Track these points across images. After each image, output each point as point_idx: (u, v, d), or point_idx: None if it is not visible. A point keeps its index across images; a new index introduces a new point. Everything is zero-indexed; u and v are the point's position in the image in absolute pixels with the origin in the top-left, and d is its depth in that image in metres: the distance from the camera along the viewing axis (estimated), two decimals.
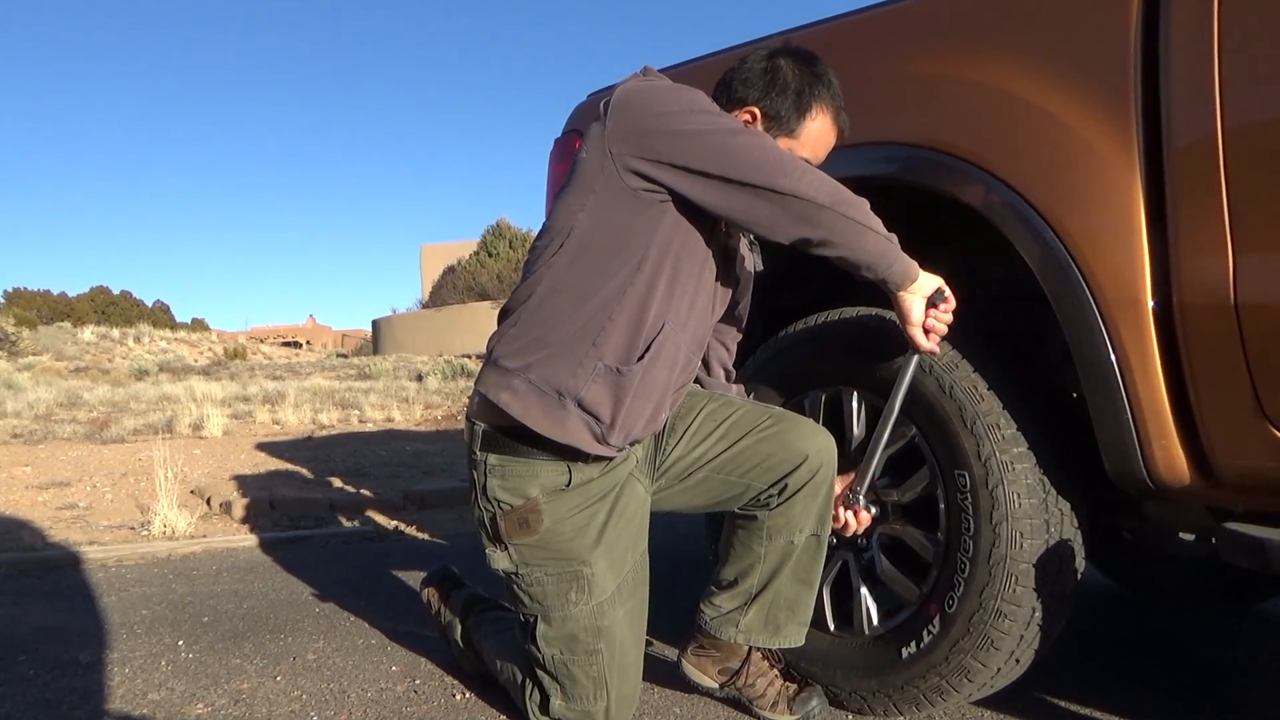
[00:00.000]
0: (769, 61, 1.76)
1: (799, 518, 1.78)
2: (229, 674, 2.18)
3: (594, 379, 1.62)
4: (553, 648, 1.73)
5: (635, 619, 1.79)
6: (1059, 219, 1.60)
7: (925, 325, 1.68)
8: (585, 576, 1.70)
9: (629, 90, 1.62)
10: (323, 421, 8.41)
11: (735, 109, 1.76)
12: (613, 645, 1.73)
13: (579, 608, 1.70)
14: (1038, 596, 1.69)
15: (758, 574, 1.83)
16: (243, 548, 3.60)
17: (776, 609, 1.84)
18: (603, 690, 1.74)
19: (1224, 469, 1.50)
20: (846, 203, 1.58)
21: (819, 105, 1.75)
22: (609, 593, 1.72)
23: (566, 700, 1.75)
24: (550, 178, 2.64)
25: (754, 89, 1.75)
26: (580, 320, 1.62)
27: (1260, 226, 1.40)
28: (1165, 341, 1.51)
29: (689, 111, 1.59)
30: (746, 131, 1.61)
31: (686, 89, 1.63)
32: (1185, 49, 1.47)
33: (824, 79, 1.76)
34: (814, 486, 1.77)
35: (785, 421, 1.81)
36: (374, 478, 5.09)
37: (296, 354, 34.29)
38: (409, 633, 2.47)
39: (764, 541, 1.81)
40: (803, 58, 1.77)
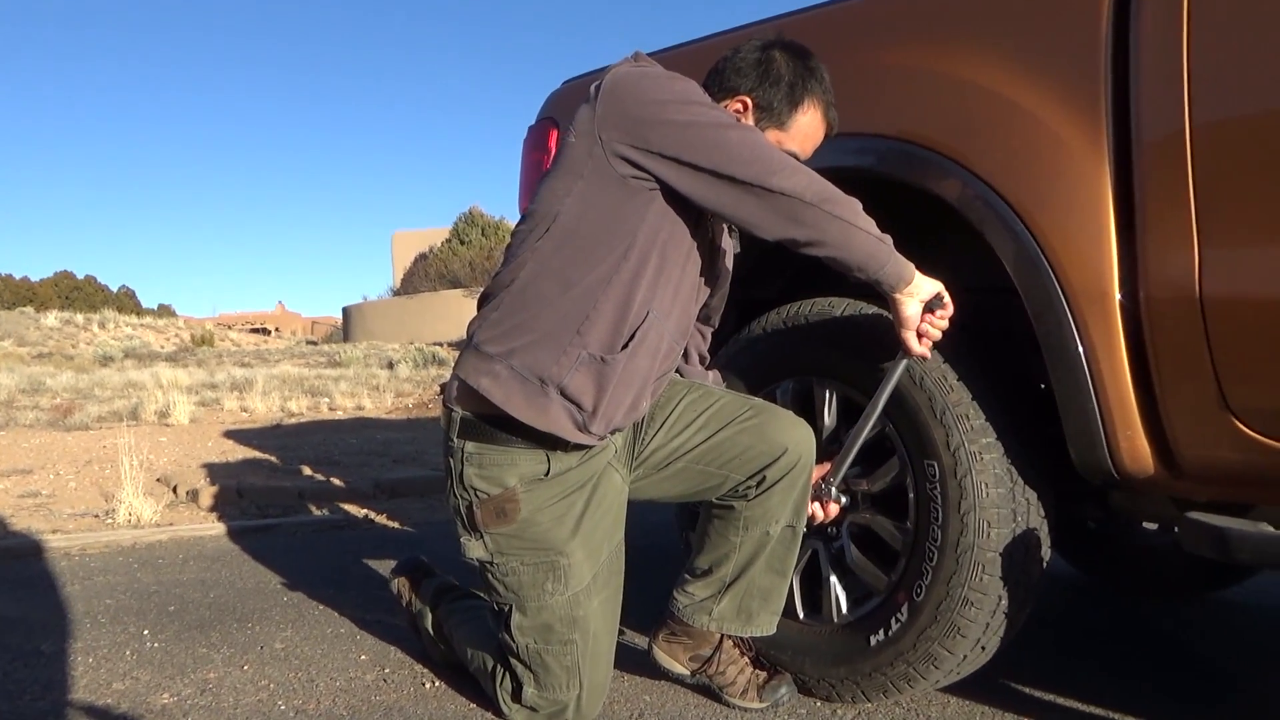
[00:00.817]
0: (763, 52, 1.75)
1: (776, 509, 1.79)
2: (195, 663, 2.16)
3: (578, 367, 1.60)
4: (527, 637, 1.72)
5: (609, 609, 1.79)
6: (1030, 212, 1.61)
7: (919, 329, 1.66)
8: (562, 566, 1.69)
9: (621, 76, 1.61)
10: (292, 409, 8.34)
11: (726, 98, 1.75)
12: (587, 635, 1.73)
13: (555, 598, 1.70)
14: (1004, 585, 1.71)
15: (732, 563, 1.83)
16: (210, 536, 3.56)
17: (750, 598, 1.85)
18: (575, 680, 1.73)
19: (1187, 460, 1.53)
20: (836, 202, 1.56)
21: (810, 99, 1.74)
22: (585, 582, 1.71)
23: (539, 689, 1.75)
24: (524, 166, 2.63)
25: (747, 79, 1.74)
26: (565, 307, 1.61)
27: (1225, 222, 1.42)
28: (1132, 334, 1.53)
29: (682, 102, 1.57)
30: (739, 126, 1.59)
31: (680, 78, 1.62)
32: (1154, 47, 1.48)
33: (816, 73, 1.75)
34: (791, 479, 1.78)
35: (765, 413, 1.81)
36: (344, 466, 5.05)
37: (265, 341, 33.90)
38: (378, 621, 2.46)
39: (740, 531, 1.82)
40: (796, 51, 1.76)
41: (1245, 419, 1.43)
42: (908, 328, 1.66)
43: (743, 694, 1.88)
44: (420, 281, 27.89)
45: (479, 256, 26.55)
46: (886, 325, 1.78)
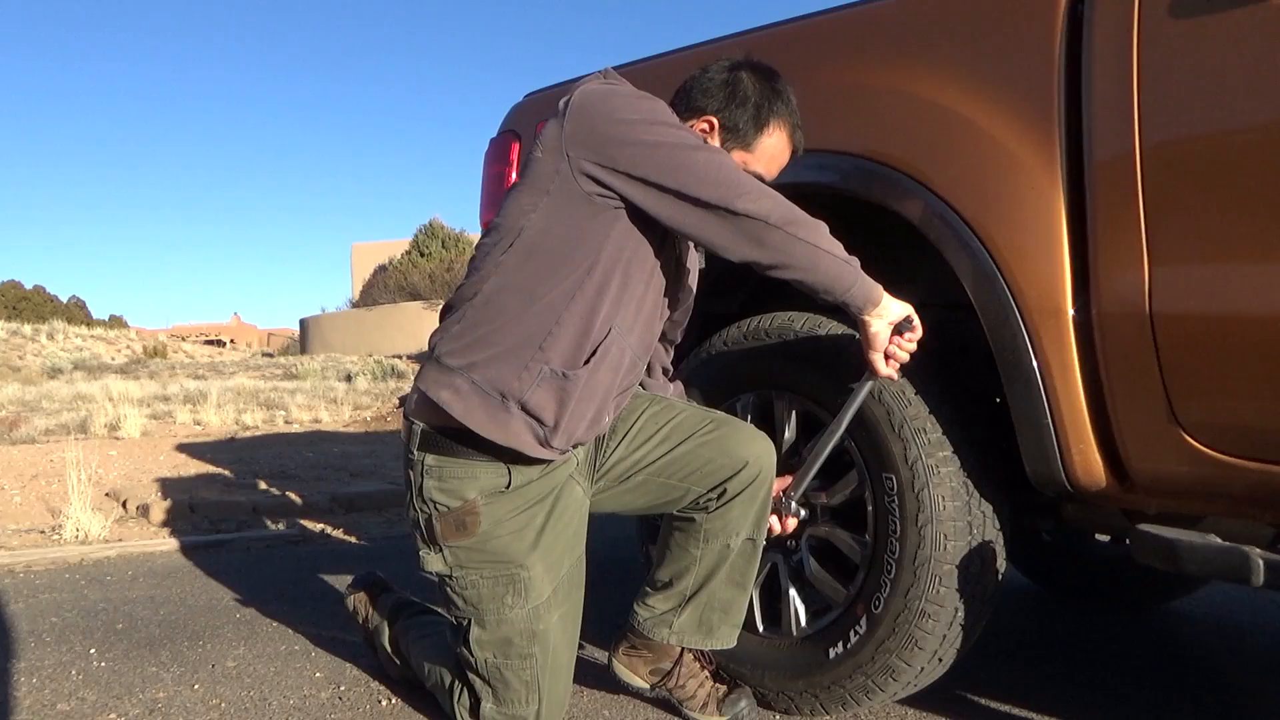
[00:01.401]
0: (730, 73, 1.75)
1: (736, 521, 1.79)
2: (144, 683, 2.11)
3: (540, 382, 1.60)
4: (486, 651, 1.71)
5: (569, 623, 1.78)
6: (986, 229, 1.64)
7: (887, 351, 1.66)
8: (522, 579, 1.68)
9: (590, 93, 1.61)
10: (247, 422, 8.21)
11: (693, 118, 1.75)
12: (547, 649, 1.72)
13: (515, 611, 1.68)
14: (960, 597, 1.73)
15: (693, 576, 1.83)
16: (160, 552, 3.49)
17: (710, 611, 1.85)
18: (535, 694, 1.72)
19: (1138, 473, 1.56)
20: (801, 225, 1.57)
21: (776, 121, 1.74)
22: (545, 596, 1.70)
23: (498, 704, 1.73)
24: (485, 178, 2.62)
25: (713, 99, 1.74)
26: (528, 322, 1.61)
27: (1174, 240, 1.45)
28: (1084, 350, 1.56)
29: (649, 122, 1.58)
30: (706, 148, 1.59)
31: (648, 97, 1.63)
32: (1106, 70, 1.52)
33: (783, 95, 1.76)
34: (752, 491, 1.78)
35: (726, 426, 1.82)
36: (300, 480, 4.97)
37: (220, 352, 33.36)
38: (334, 638, 2.42)
39: (700, 544, 1.82)
40: (764, 72, 1.76)
41: (1194, 433, 1.47)
42: (875, 349, 1.65)
43: (702, 707, 1.88)
44: (379, 293, 27.65)
45: (439, 269, 26.39)
46: (847, 340, 1.80)
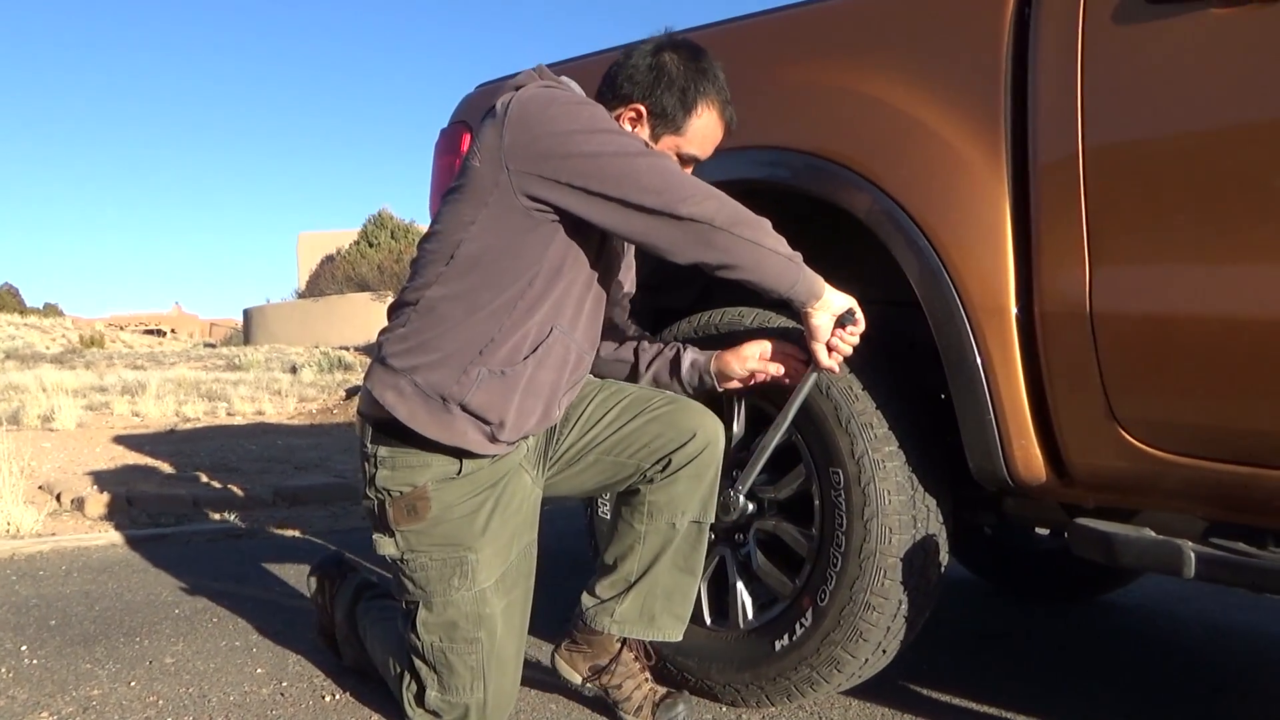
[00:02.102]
0: (654, 57, 1.74)
1: (681, 498, 1.79)
2: (78, 680, 2.06)
3: (479, 384, 1.63)
4: (432, 634, 1.71)
5: (517, 611, 1.78)
6: (932, 228, 1.66)
7: (829, 343, 1.69)
8: (470, 562, 1.69)
9: (528, 102, 1.60)
10: (187, 414, 8.03)
11: (620, 106, 1.74)
12: (493, 635, 1.72)
13: (460, 593, 1.69)
14: (904, 589, 1.76)
15: (637, 556, 1.82)
16: (96, 546, 3.40)
17: (653, 598, 1.84)
18: (479, 682, 1.72)
19: (1077, 468, 1.59)
20: (745, 225, 1.58)
21: (704, 101, 1.74)
22: (492, 580, 1.71)
23: (442, 691, 1.73)
24: (436, 169, 2.59)
25: (639, 86, 1.73)
26: (468, 330, 1.63)
27: (1114, 241, 1.49)
28: (1027, 347, 1.59)
29: (589, 131, 1.57)
30: (647, 153, 1.59)
31: (587, 103, 1.63)
32: (1051, 73, 1.55)
33: (708, 73, 1.74)
34: (698, 466, 1.78)
35: (677, 403, 1.83)
36: (242, 473, 4.88)
37: (160, 342, 32.60)
38: (277, 633, 2.38)
39: (645, 520, 1.81)
40: (689, 51, 1.75)
41: (1130, 429, 1.51)
42: (818, 340, 1.69)
43: (637, 710, 1.85)
44: (327, 284, 27.23)
45: (388, 259, 26.07)
46: (796, 335, 1.81)
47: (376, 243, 27.78)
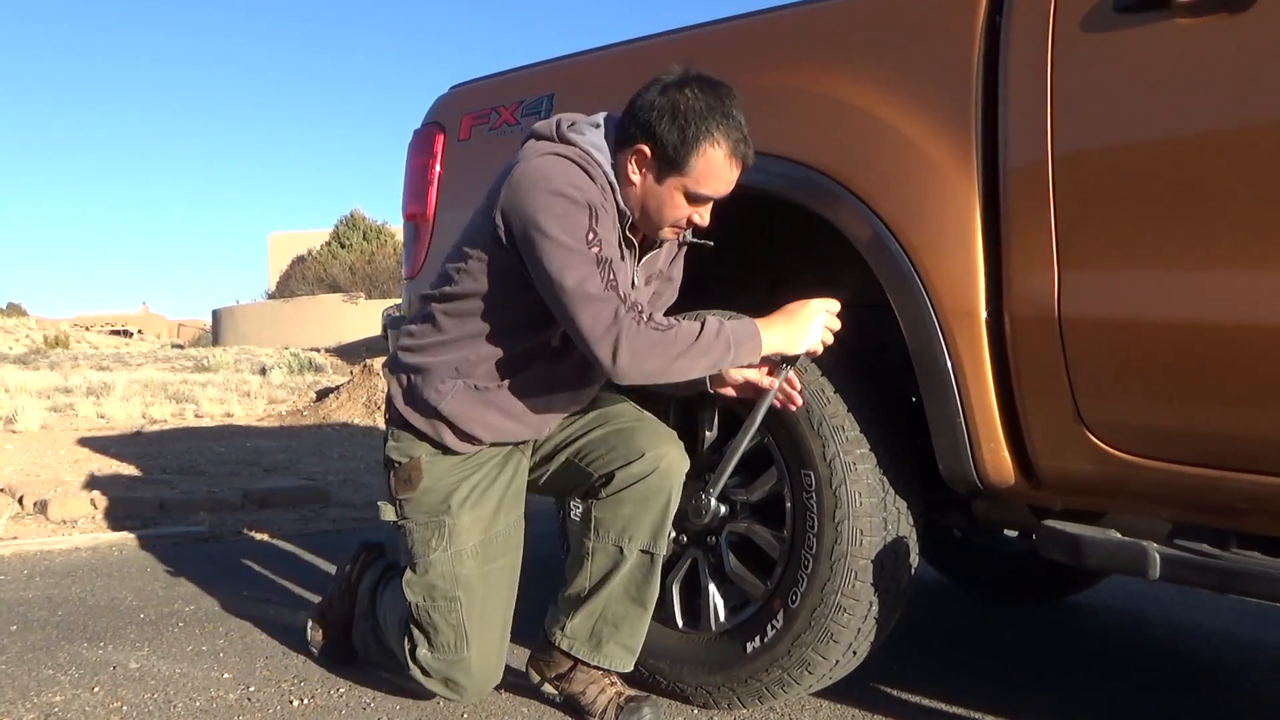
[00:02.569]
0: (663, 95, 1.67)
1: (628, 522, 1.81)
2: (39, 686, 2.02)
3: (452, 395, 1.80)
4: (417, 595, 1.84)
5: (504, 579, 1.89)
6: (904, 232, 1.67)
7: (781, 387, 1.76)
8: (447, 526, 1.82)
9: (527, 177, 1.65)
10: (154, 416, 7.92)
11: (627, 147, 1.70)
12: (471, 595, 1.82)
13: (437, 554, 1.82)
14: (875, 591, 1.77)
15: (586, 574, 1.87)
16: (59, 550, 3.34)
17: (603, 622, 1.87)
18: (463, 640, 1.82)
19: (1045, 470, 1.61)
20: (657, 354, 1.62)
21: (708, 140, 1.65)
22: (469, 545, 1.82)
23: (432, 649, 1.84)
24: (409, 170, 2.58)
25: (643, 127, 1.68)
26: (456, 348, 1.80)
27: (1082, 246, 1.51)
28: (996, 351, 1.60)
29: (554, 240, 1.61)
30: (581, 295, 1.60)
31: (573, 208, 1.62)
32: (1021, 80, 1.57)
33: (718, 110, 1.66)
34: (644, 490, 1.80)
35: (643, 423, 1.86)
36: (209, 475, 4.82)
37: (127, 343, 32.14)
38: (244, 638, 2.36)
39: (592, 536, 1.86)
40: (701, 87, 1.67)
41: (1097, 432, 1.52)
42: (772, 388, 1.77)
43: (601, 714, 1.85)
44: (298, 285, 27.01)
45: (359, 260, 25.91)
46: None
47: (348, 244, 27.60)
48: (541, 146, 1.71)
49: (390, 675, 2.08)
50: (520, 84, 2.40)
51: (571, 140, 1.71)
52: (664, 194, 1.70)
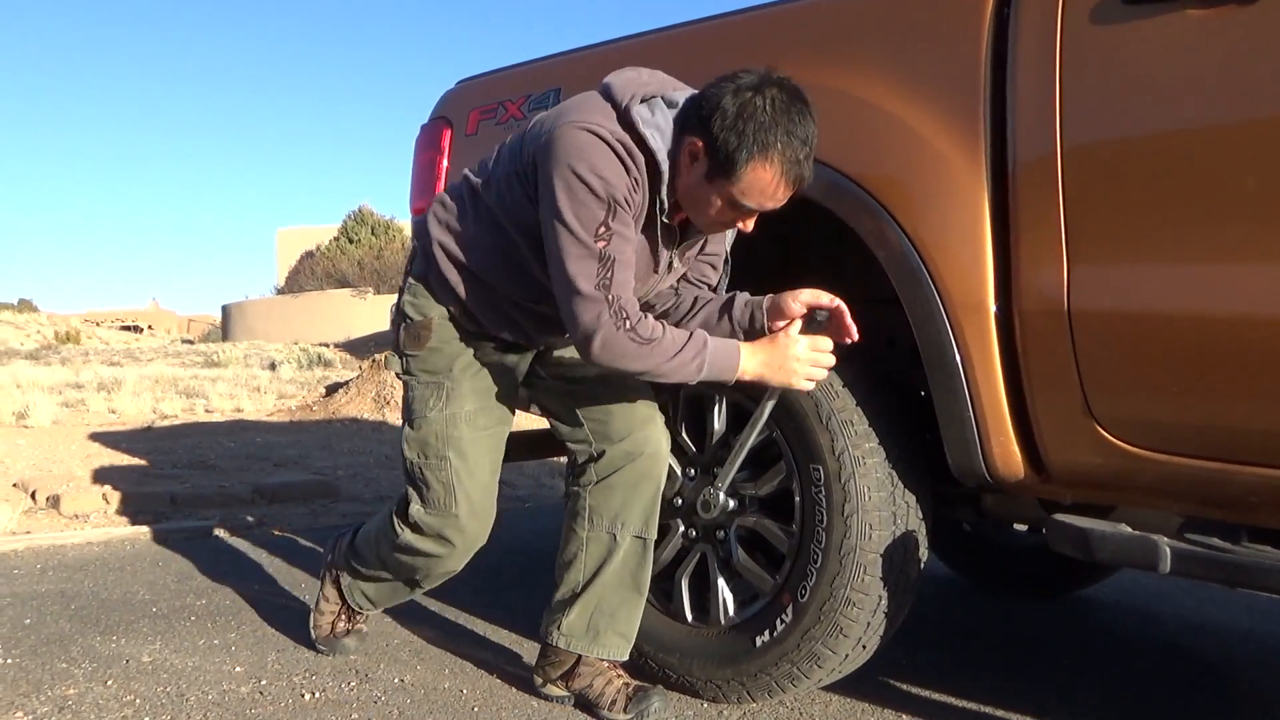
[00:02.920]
0: (737, 95, 1.59)
1: (621, 509, 1.88)
2: (53, 679, 2.03)
3: (461, 281, 1.86)
4: (412, 451, 1.92)
5: (493, 444, 1.95)
6: (913, 226, 1.67)
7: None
8: (446, 388, 1.89)
9: (566, 146, 1.62)
10: (165, 411, 7.96)
11: (687, 134, 1.65)
12: (462, 456, 1.89)
13: (434, 413, 1.89)
14: (884, 585, 1.77)
15: (581, 565, 1.90)
16: (71, 545, 3.36)
17: (599, 614, 1.90)
18: (453, 498, 1.89)
19: (1055, 464, 1.61)
20: (632, 359, 1.66)
21: (763, 156, 1.58)
22: (464, 410, 1.90)
23: (423, 505, 1.91)
24: (416, 164, 2.58)
25: (704, 122, 1.61)
26: (468, 242, 1.85)
27: (1092, 239, 1.50)
28: (1005, 345, 1.60)
29: (570, 233, 1.62)
30: (579, 294, 1.64)
31: (593, 201, 1.61)
32: (1030, 73, 1.56)
33: (781, 129, 1.57)
34: (634, 474, 1.88)
35: (637, 394, 1.93)
36: (220, 470, 4.84)
37: (137, 339, 32.26)
38: (254, 631, 2.37)
39: (586, 526, 1.91)
40: (776, 99, 1.59)
41: (1107, 426, 1.52)
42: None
43: (611, 705, 1.87)
44: (306, 280, 27.06)
45: (368, 255, 25.93)
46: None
47: (357, 239, 27.63)
48: (594, 115, 1.65)
49: (400, 671, 2.09)
50: (527, 78, 2.40)
51: (632, 121, 1.65)
52: (709, 195, 1.65)
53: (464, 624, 2.46)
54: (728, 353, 1.72)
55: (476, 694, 1.99)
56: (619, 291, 1.65)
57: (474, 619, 2.50)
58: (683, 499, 2.04)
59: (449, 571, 2.01)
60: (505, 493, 4.51)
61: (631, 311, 1.66)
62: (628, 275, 1.67)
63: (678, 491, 2.04)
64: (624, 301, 1.65)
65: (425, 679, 2.07)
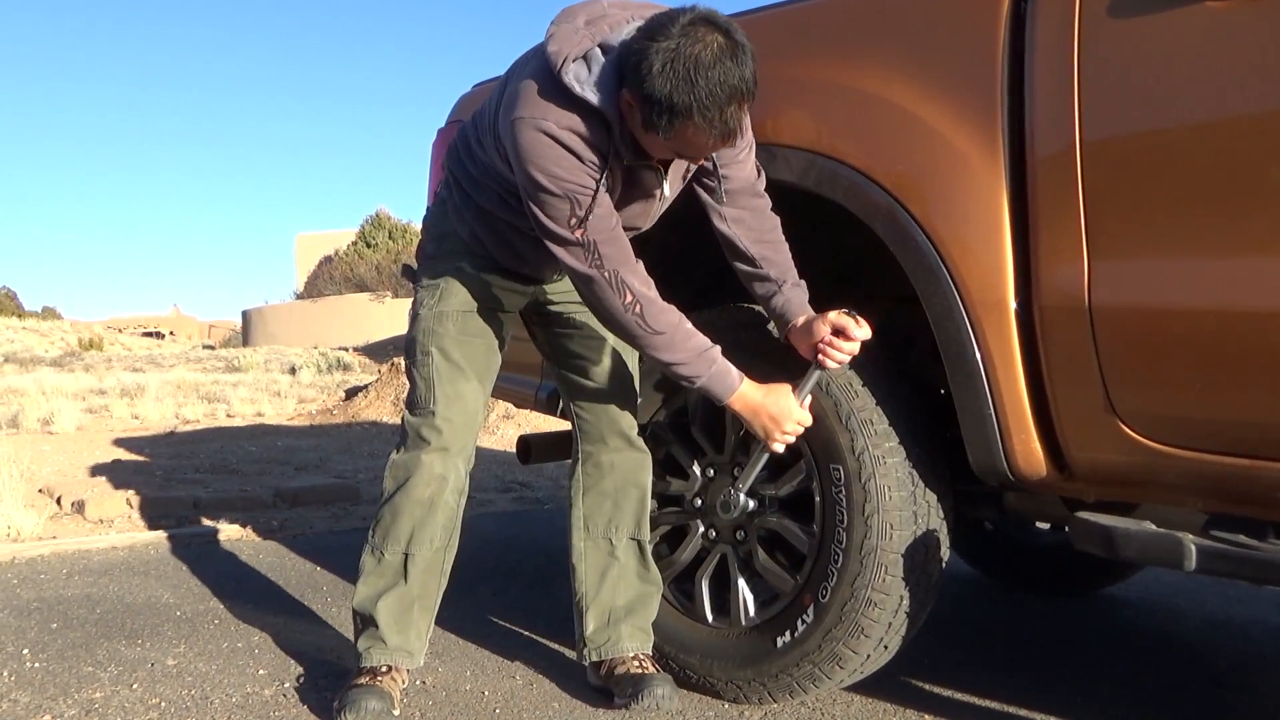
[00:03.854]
0: (661, 55, 1.52)
1: (613, 514, 1.99)
2: (80, 683, 2.06)
3: (479, 219, 1.92)
4: (406, 355, 2.00)
5: (476, 354, 1.96)
6: (931, 224, 1.66)
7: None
8: (440, 288, 1.94)
9: (519, 147, 1.66)
10: (187, 416, 8.03)
11: (624, 86, 1.61)
12: (445, 354, 1.92)
13: (424, 309, 1.95)
14: (906, 585, 1.76)
15: (583, 574, 2.00)
16: (96, 549, 3.40)
17: (614, 618, 1.97)
18: (431, 395, 1.92)
19: (1077, 461, 1.59)
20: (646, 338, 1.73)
21: (687, 119, 1.55)
22: (452, 309, 1.93)
23: (410, 409, 1.96)
24: (433, 169, 2.59)
25: (634, 73, 1.57)
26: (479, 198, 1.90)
27: (1112, 234, 1.49)
28: (1026, 342, 1.59)
29: (541, 219, 1.70)
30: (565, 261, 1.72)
31: (555, 200, 1.67)
32: (1048, 68, 1.55)
33: (706, 86, 1.52)
34: (620, 481, 1.99)
35: (629, 410, 2.02)
36: (242, 475, 4.88)
37: (159, 345, 32.55)
38: (278, 635, 2.38)
39: (583, 535, 2.00)
40: (707, 52, 1.52)
41: (1130, 423, 1.51)
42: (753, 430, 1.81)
43: (622, 692, 1.90)
44: (325, 285, 27.24)
45: (386, 260, 26.06)
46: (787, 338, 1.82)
47: (374, 243, 27.77)
48: (535, 106, 1.65)
49: (421, 672, 2.10)
50: None
51: (566, 86, 1.63)
52: (649, 141, 1.66)
53: (485, 626, 2.46)
54: (727, 382, 1.77)
55: (498, 695, 2.00)
56: (613, 267, 1.72)
57: (495, 620, 2.51)
58: (702, 500, 2.03)
59: (430, 499, 1.90)
60: (524, 494, 4.52)
61: (637, 288, 1.72)
62: (616, 249, 1.72)
63: (697, 492, 2.04)
64: (623, 275, 1.72)
65: (447, 680, 2.08)
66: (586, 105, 1.64)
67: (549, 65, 1.66)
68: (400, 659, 1.91)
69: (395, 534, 1.91)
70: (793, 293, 1.83)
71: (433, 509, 1.91)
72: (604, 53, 1.66)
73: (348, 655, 2.18)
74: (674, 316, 1.74)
